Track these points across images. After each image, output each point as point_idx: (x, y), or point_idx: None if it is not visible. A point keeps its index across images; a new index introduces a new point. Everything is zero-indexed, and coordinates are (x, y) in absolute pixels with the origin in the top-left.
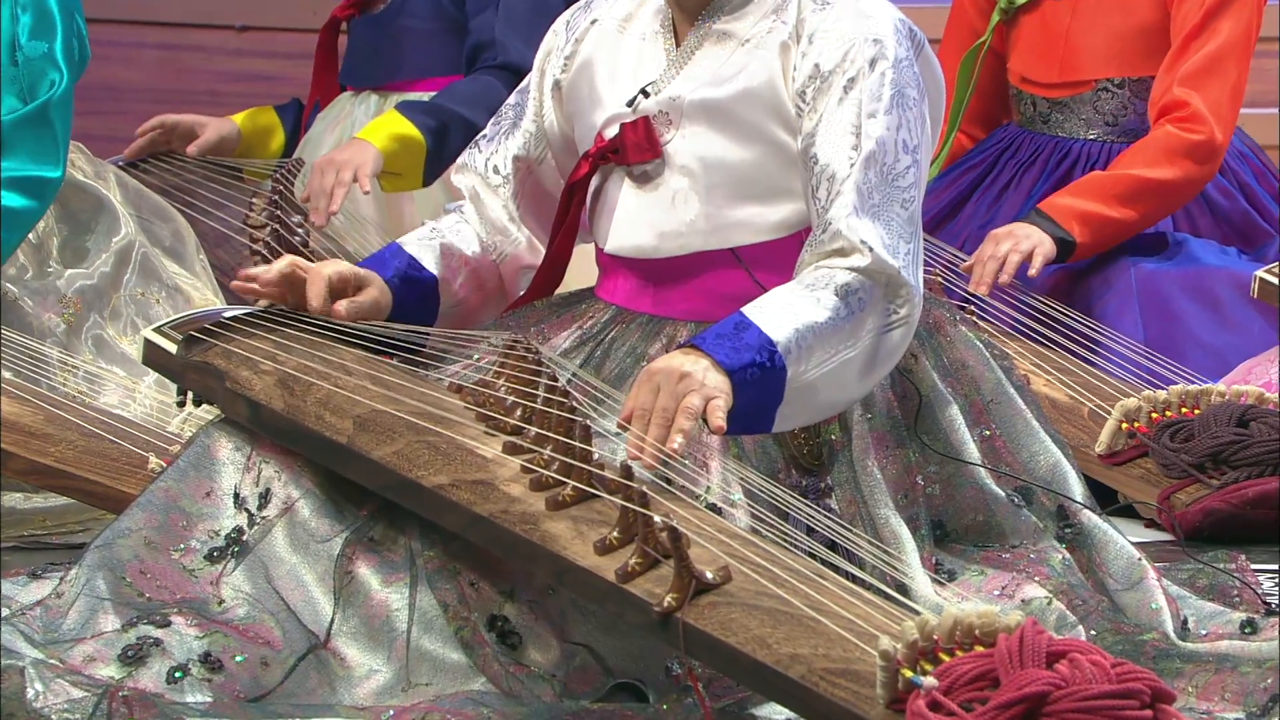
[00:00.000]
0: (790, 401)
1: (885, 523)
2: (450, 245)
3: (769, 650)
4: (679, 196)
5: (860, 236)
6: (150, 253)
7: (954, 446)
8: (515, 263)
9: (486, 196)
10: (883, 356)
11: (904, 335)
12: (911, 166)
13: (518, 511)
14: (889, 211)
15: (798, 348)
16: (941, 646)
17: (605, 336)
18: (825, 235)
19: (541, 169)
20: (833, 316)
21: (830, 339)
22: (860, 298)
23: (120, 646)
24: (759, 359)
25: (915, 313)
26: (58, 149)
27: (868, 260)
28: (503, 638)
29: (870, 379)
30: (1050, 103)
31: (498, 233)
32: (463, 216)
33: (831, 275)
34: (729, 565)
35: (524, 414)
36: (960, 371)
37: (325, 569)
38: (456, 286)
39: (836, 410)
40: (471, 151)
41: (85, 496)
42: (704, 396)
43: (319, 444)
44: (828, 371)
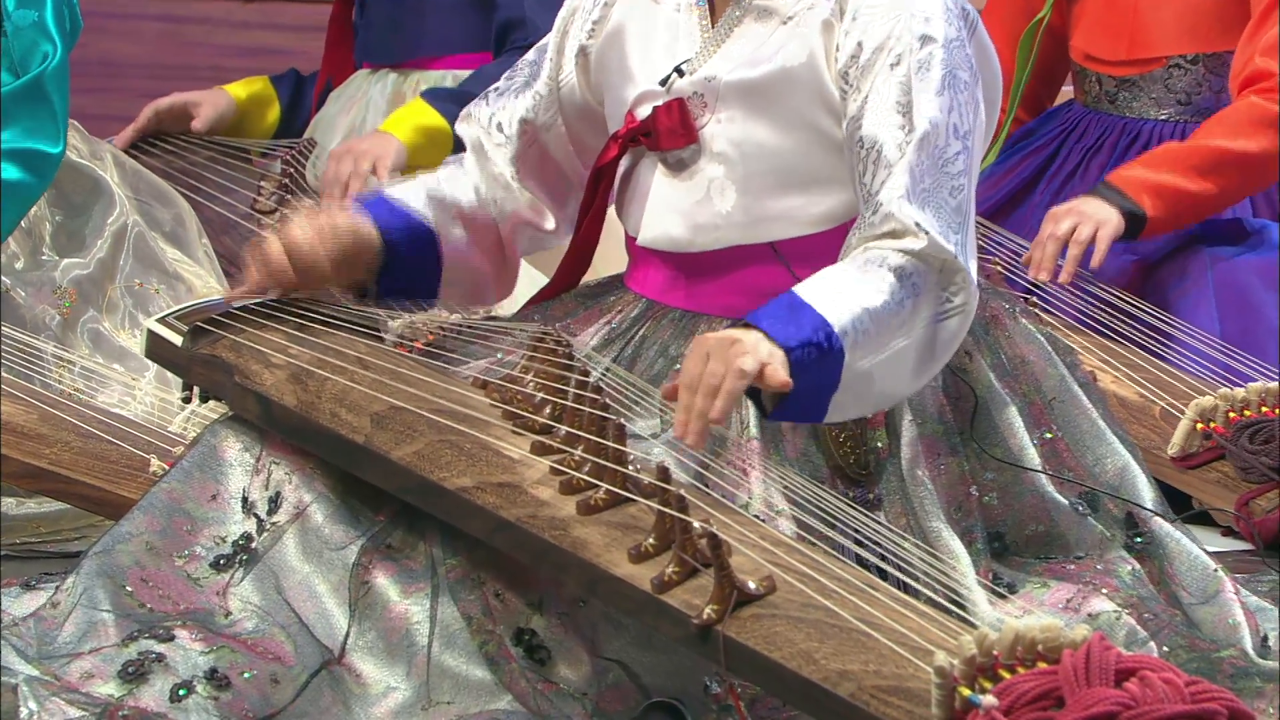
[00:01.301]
0: (846, 389)
1: (937, 536)
2: (440, 195)
3: (816, 666)
4: (715, 186)
5: (914, 219)
6: (149, 236)
7: (1012, 451)
8: (515, 219)
9: (491, 150)
10: (939, 347)
11: (960, 324)
12: (962, 153)
13: (546, 516)
14: (938, 198)
15: (855, 330)
16: (1002, 663)
17: (635, 334)
18: (876, 217)
19: (549, 136)
20: (888, 301)
21: (886, 325)
22: (915, 282)
23: (120, 662)
24: (816, 339)
25: (972, 301)
26: (56, 124)
27: (923, 243)
28: (530, 652)
29: (926, 371)
30: (1118, 81)
31: (500, 188)
32: (460, 168)
33: (884, 257)
34: (773, 575)
35: (553, 412)
36: (1020, 369)
37: (340, 579)
38: (456, 241)
39: (890, 403)
40: (479, 103)
41: (82, 501)
42: (758, 359)
43: (334, 443)
44: (883, 359)
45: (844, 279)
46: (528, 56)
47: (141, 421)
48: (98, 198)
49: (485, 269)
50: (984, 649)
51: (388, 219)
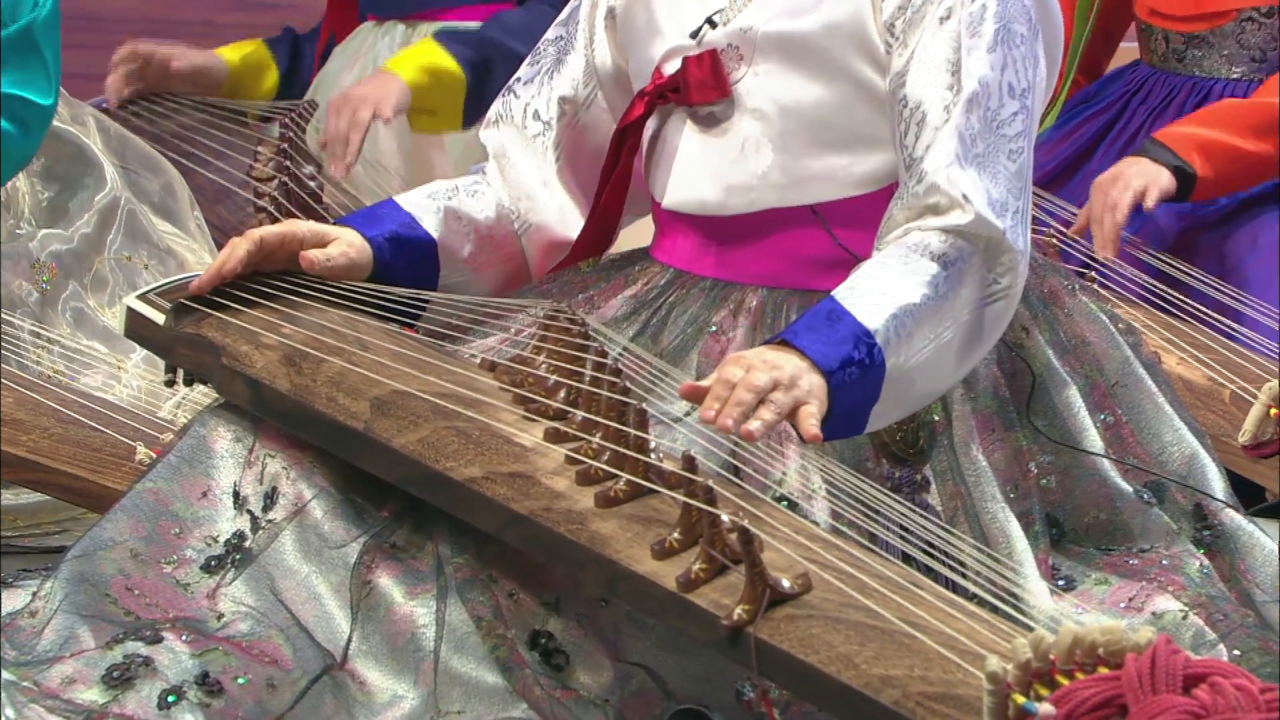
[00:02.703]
0: (886, 398)
1: (993, 519)
2: (457, 209)
3: (856, 671)
4: (749, 144)
5: (962, 190)
6: (138, 210)
7: (1072, 433)
8: (541, 236)
9: (517, 155)
10: (985, 333)
11: (1006, 308)
12: (1019, 114)
13: (562, 509)
14: (995, 163)
15: (896, 336)
16: (1059, 668)
17: (663, 302)
18: (920, 187)
19: (590, 113)
20: (930, 294)
21: (928, 321)
22: (960, 269)
23: (104, 666)
24: (857, 355)
25: (1020, 282)
26: (48, 76)
27: (968, 218)
28: (546, 657)
29: (968, 360)
30: (1186, 38)
31: (524, 198)
32: (484, 179)
33: (926, 241)
34: (809, 572)
35: (569, 395)
36: (1080, 348)
37: (341, 579)
38: (465, 255)
39: (930, 401)
40: (506, 99)
41: (62, 492)
42: (795, 398)
43: (331, 430)
44: (925, 359)
45: (883, 273)
46: (549, 34)
47: (127, 406)
48: (84, 169)
49: (495, 281)
50: (1040, 653)
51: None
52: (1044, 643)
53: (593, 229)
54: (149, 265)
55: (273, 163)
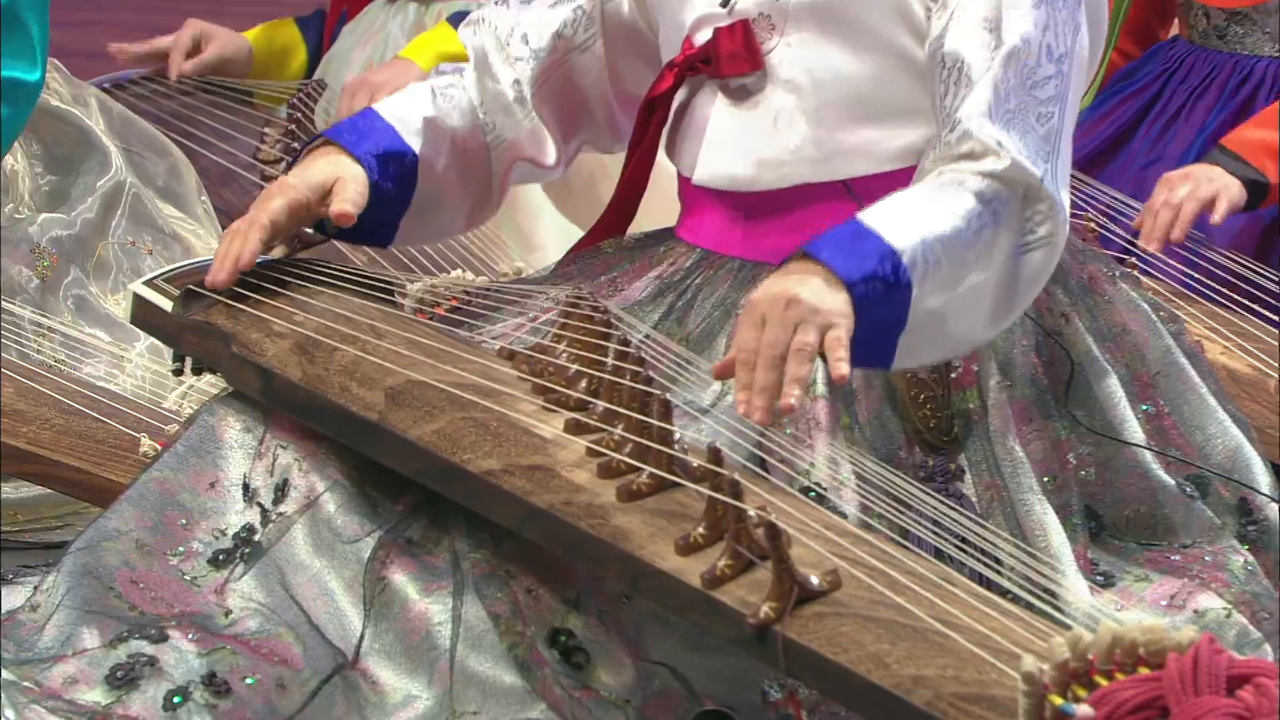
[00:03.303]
0: (914, 329)
1: (1029, 511)
2: (437, 120)
3: (887, 671)
4: (782, 117)
5: (996, 138)
6: (143, 194)
7: (1112, 424)
8: (511, 152)
9: (496, 64)
10: (1021, 285)
11: (1046, 259)
12: (1054, 78)
13: (583, 503)
14: (1024, 121)
15: (924, 260)
16: (1098, 668)
17: (689, 284)
18: (953, 136)
19: (582, 58)
20: (963, 228)
21: (961, 255)
22: (995, 209)
23: (108, 666)
24: (881, 270)
25: (1060, 234)
26: (34, 51)
27: (1005, 163)
28: (566, 656)
29: (1006, 313)
30: (1227, 14)
31: (500, 111)
32: (459, 80)
33: (961, 180)
34: (838, 568)
35: (590, 385)
36: (1120, 337)
37: (354, 575)
38: (439, 169)
39: (964, 349)
40: (499, 7)
41: (64, 485)
42: (819, 327)
43: (344, 421)
44: (957, 295)
45: (915, 202)
46: None
47: (131, 397)
48: (86, 152)
49: (460, 204)
50: (1078, 652)
51: (377, 166)
52: (1082, 642)
53: (617, 205)
54: (154, 251)
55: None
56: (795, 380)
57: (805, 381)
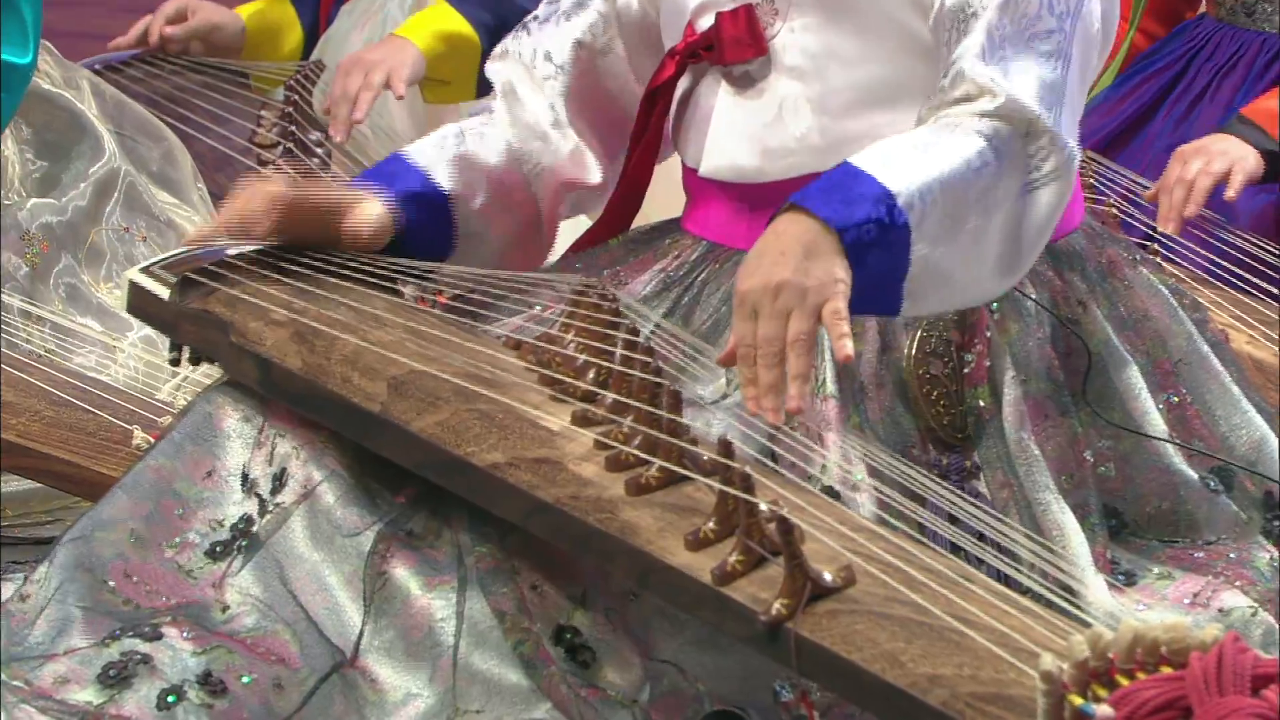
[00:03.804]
0: (918, 275)
1: (1046, 510)
2: (468, 155)
3: (902, 670)
4: (788, 105)
5: (990, 76)
6: (136, 180)
7: (1133, 416)
8: (553, 178)
9: (526, 93)
10: (1031, 226)
11: (1055, 196)
12: (1055, 33)
13: (591, 497)
14: (1021, 64)
15: (921, 201)
16: (1119, 667)
17: (694, 278)
18: (947, 80)
19: (606, 61)
20: (961, 167)
21: (961, 194)
22: (995, 145)
23: (100, 665)
24: (875, 214)
25: (1067, 169)
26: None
27: (999, 100)
28: (572, 654)
29: (1017, 260)
30: None
31: (535, 138)
32: (490, 118)
33: (957, 121)
34: (852, 564)
35: (598, 376)
36: (1141, 324)
37: (354, 569)
38: (477, 206)
39: (976, 298)
40: (518, 35)
41: (54, 479)
42: (812, 309)
43: (345, 412)
44: (961, 238)
45: (909, 142)
46: None
47: (124, 388)
48: (78, 137)
49: (506, 241)
50: (1098, 651)
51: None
52: (1102, 640)
53: (620, 199)
54: (147, 238)
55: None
56: (796, 377)
57: (807, 375)
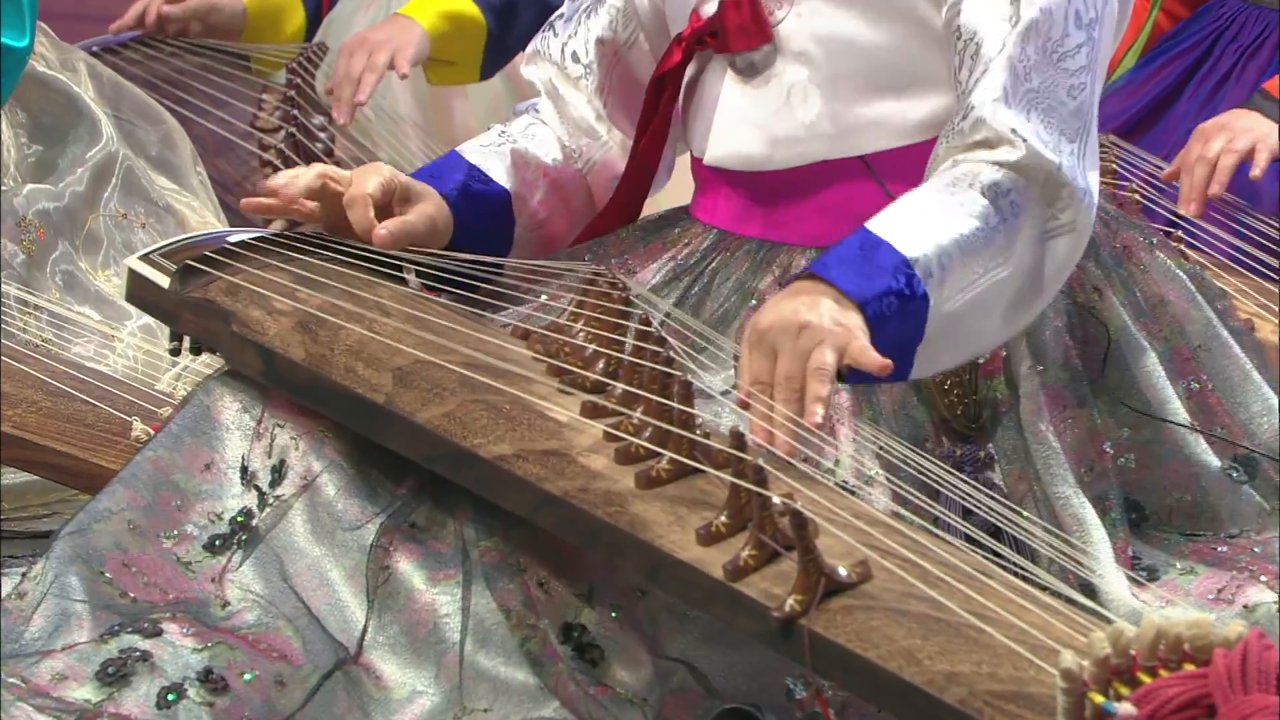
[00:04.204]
0: (932, 340)
1: (1065, 503)
2: (524, 153)
3: (919, 668)
4: (796, 92)
5: (1010, 126)
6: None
7: (1152, 404)
8: (607, 171)
9: (567, 91)
10: (1046, 275)
11: (1071, 246)
12: (1085, 45)
13: (600, 490)
14: (1050, 99)
15: (940, 267)
16: (1141, 664)
17: (705, 267)
18: (966, 123)
19: (632, 54)
20: (980, 226)
21: (979, 254)
22: (1013, 200)
23: (98, 662)
24: (895, 285)
25: (1084, 218)
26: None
27: (1020, 153)
28: (580, 651)
29: (1027, 307)
30: None
31: (583, 135)
32: (538, 117)
33: (976, 172)
34: (868, 559)
35: (608, 366)
36: (1158, 309)
37: (356, 563)
38: (535, 204)
39: (984, 349)
40: (545, 36)
41: (51, 471)
42: (836, 347)
43: (349, 404)
44: (975, 295)
45: (924, 203)
46: None
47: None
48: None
49: (563, 239)
50: (1119, 648)
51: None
52: (1124, 637)
53: (628, 187)
54: (146, 224)
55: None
56: (817, 399)
57: (827, 400)
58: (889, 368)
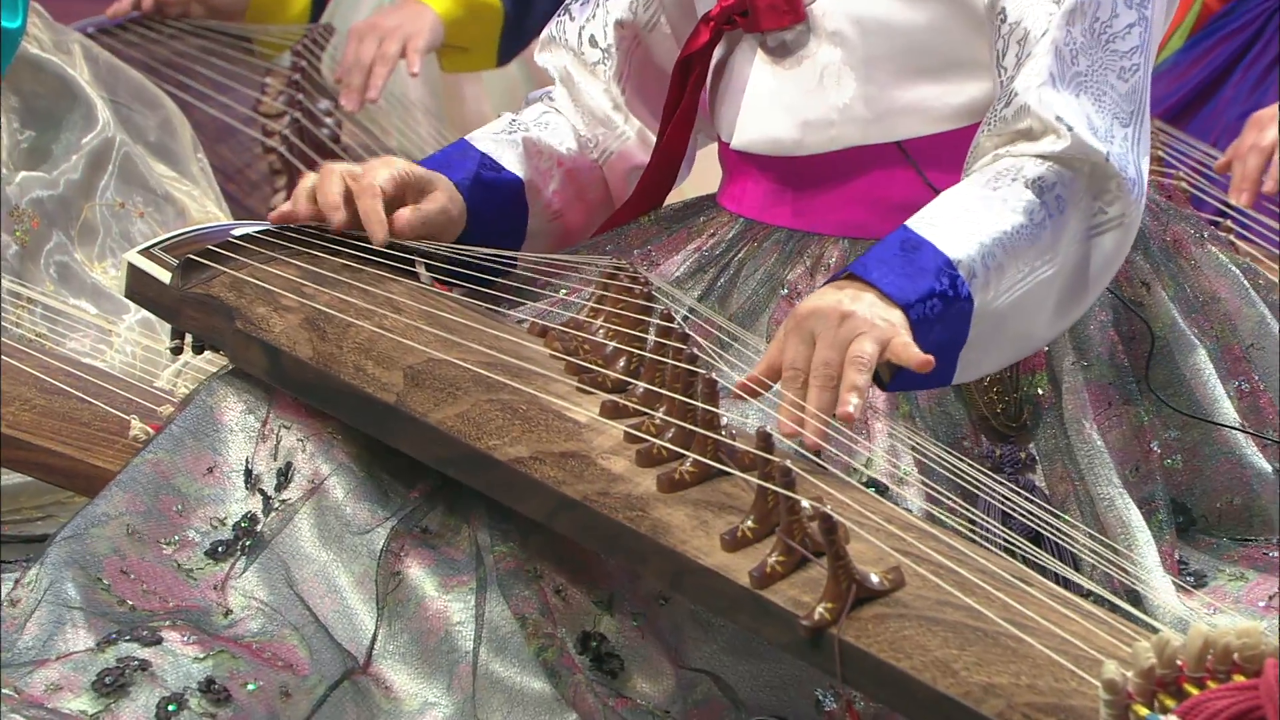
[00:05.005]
0: (976, 343)
1: (1109, 505)
2: (537, 141)
3: (955, 679)
4: (829, 73)
5: (1055, 113)
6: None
7: (1201, 404)
8: (623, 163)
9: (582, 78)
10: (1093, 273)
11: (1118, 241)
12: (1136, 25)
13: (620, 494)
14: (1100, 83)
15: (984, 268)
16: (1188, 675)
17: (731, 258)
18: (1009, 110)
19: (653, 37)
20: (1025, 222)
21: (1024, 253)
22: (1058, 195)
23: (95, 671)
24: (939, 286)
25: (1133, 211)
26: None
27: (1065, 143)
28: (599, 661)
29: (1074, 305)
30: None
31: (599, 124)
32: (552, 105)
33: (1019, 166)
34: (901, 565)
35: (629, 364)
36: (1209, 306)
37: (365, 569)
38: (549, 194)
39: (1028, 351)
40: (560, 20)
41: (46, 473)
42: (878, 339)
43: (358, 404)
44: (1021, 296)
45: (967, 200)
46: None
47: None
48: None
49: (579, 231)
50: (1165, 658)
51: (474, 193)
52: (1170, 646)
53: (653, 174)
54: (145, 214)
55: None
56: (853, 389)
57: (864, 391)
58: (930, 363)
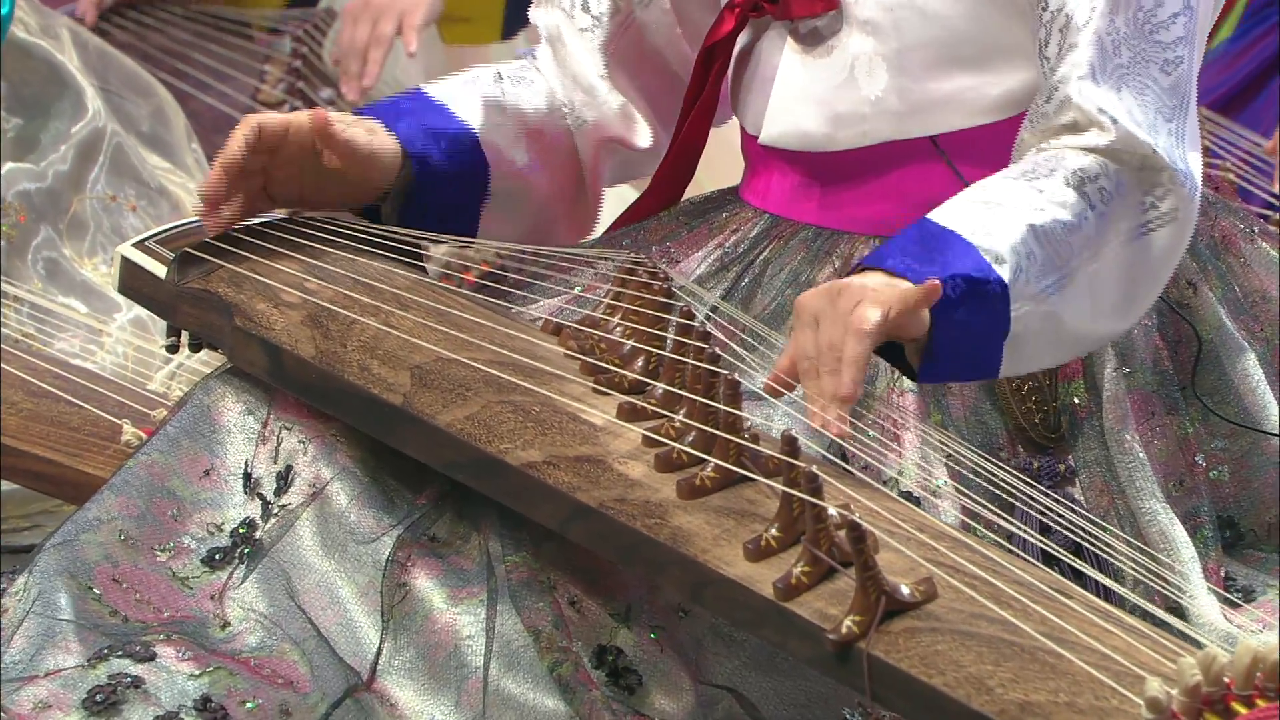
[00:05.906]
0: (1023, 333)
1: (1152, 519)
2: (500, 99)
3: (990, 696)
4: (860, 64)
5: (1098, 104)
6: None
7: (1249, 411)
8: (598, 133)
9: (572, 40)
10: (1150, 269)
11: (1174, 236)
12: (1181, 14)
13: (638, 500)
14: (1143, 75)
15: (1016, 255)
16: (1235, 693)
17: (756, 257)
18: (1050, 105)
19: (647, 15)
20: (1062, 214)
21: (1063, 243)
22: (1103, 186)
23: (85, 688)
24: (960, 268)
25: (1188, 207)
26: None
27: (1110, 136)
28: (616, 677)
29: (1137, 302)
30: None
31: (579, 89)
32: (533, 64)
33: (1060, 157)
34: (933, 577)
35: (648, 365)
36: (1259, 306)
37: (370, 579)
38: (508, 150)
39: (1094, 346)
40: None
41: (33, 480)
42: (879, 302)
43: (363, 406)
44: (1068, 290)
45: (994, 193)
46: None
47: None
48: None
49: (550, 200)
50: (1211, 675)
51: (420, 138)
52: (1217, 663)
53: (671, 166)
54: (138, 207)
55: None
56: (851, 362)
57: (863, 362)
58: (938, 288)
